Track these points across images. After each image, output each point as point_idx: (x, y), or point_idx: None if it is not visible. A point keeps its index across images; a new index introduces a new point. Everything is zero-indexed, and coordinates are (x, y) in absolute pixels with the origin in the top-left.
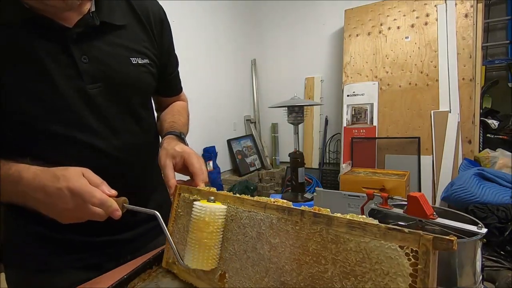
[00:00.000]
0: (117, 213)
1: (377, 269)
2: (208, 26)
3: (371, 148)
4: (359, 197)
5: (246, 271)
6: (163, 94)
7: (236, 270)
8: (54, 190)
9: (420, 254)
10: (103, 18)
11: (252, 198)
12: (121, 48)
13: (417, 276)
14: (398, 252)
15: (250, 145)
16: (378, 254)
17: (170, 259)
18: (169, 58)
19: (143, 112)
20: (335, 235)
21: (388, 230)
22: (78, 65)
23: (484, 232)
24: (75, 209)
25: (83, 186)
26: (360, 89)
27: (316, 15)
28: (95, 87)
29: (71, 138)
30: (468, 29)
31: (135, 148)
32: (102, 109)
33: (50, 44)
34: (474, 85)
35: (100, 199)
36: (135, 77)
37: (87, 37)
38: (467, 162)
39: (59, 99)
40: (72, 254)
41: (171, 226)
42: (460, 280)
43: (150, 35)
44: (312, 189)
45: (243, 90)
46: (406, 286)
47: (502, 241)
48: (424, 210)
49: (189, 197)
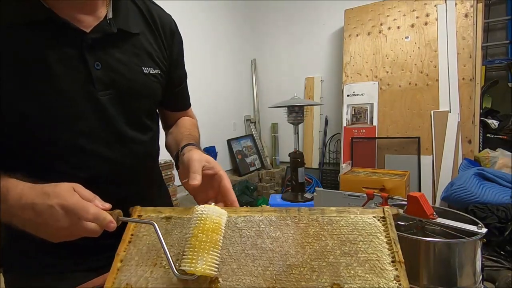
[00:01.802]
0: (112, 225)
1: (363, 233)
2: (208, 26)
3: (371, 148)
4: (359, 197)
5: (246, 268)
6: (170, 108)
7: (233, 271)
8: (44, 208)
9: (387, 216)
10: (119, 25)
11: (245, 207)
12: (134, 56)
13: (388, 230)
14: (373, 219)
15: (250, 145)
16: (361, 224)
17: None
18: (176, 70)
19: (148, 122)
20: (329, 219)
21: (364, 209)
22: (91, 71)
23: (484, 232)
24: (68, 227)
25: (76, 202)
26: (360, 89)
27: (316, 15)
28: (106, 94)
29: (76, 145)
30: (468, 29)
31: (140, 157)
32: (110, 117)
33: (63, 48)
34: (474, 85)
35: (94, 213)
36: (145, 86)
37: (102, 43)
38: (467, 162)
39: (67, 104)
40: (74, 258)
41: (122, 251)
42: (460, 280)
43: (161, 45)
44: (312, 189)
45: (243, 90)
46: (383, 236)
47: (502, 241)
48: (424, 210)
49: (157, 216)
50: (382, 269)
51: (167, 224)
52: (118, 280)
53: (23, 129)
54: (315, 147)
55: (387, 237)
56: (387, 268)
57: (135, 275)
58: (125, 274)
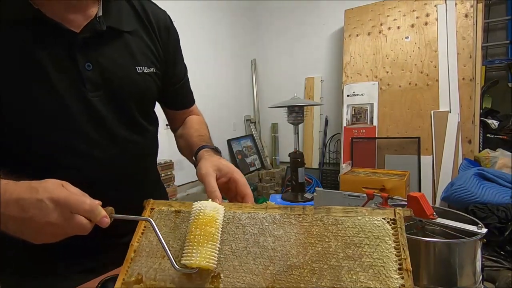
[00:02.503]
0: (106, 220)
1: (370, 236)
2: (208, 26)
3: (371, 148)
4: (359, 197)
5: (247, 266)
6: (173, 106)
7: (234, 268)
8: (32, 202)
9: (397, 219)
10: (110, 23)
11: (250, 204)
12: (126, 55)
13: (397, 234)
14: (382, 221)
15: (250, 145)
16: (369, 226)
17: (132, 276)
18: (174, 67)
19: (144, 122)
20: (334, 219)
21: (373, 209)
22: (81, 71)
23: (484, 232)
24: (57, 222)
25: (68, 195)
26: (360, 89)
27: (316, 15)
28: (96, 95)
29: (68, 146)
30: (468, 29)
31: (134, 158)
32: (102, 117)
33: (54, 48)
34: (474, 85)
35: (91, 205)
36: (138, 86)
37: (92, 42)
38: (467, 162)
39: (58, 105)
40: (71, 259)
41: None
42: (460, 280)
43: (156, 42)
44: (312, 189)
45: (243, 90)
46: (391, 241)
47: (502, 241)
48: (424, 210)
49: (168, 209)
50: (386, 277)
51: (176, 218)
52: (131, 270)
53: (13, 129)
54: (315, 147)
55: (395, 242)
56: (392, 276)
57: (145, 265)
58: (137, 265)
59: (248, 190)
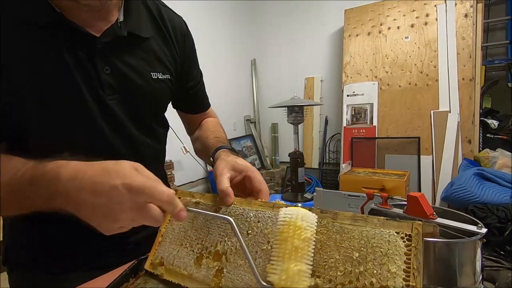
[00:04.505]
0: (183, 214)
1: (377, 251)
2: (207, 26)
3: (371, 148)
4: (359, 197)
5: (248, 265)
6: (189, 110)
7: (237, 266)
8: (106, 188)
9: (413, 235)
10: (130, 29)
11: (259, 201)
12: (143, 61)
13: (410, 254)
14: (395, 236)
15: (250, 145)
16: (378, 240)
17: (157, 259)
18: (189, 72)
19: (156, 126)
20: (339, 227)
21: (386, 220)
22: (100, 75)
23: (484, 232)
24: (130, 210)
25: (145, 182)
26: (360, 89)
27: (316, 15)
28: (113, 99)
29: (87, 147)
30: (468, 29)
31: (147, 161)
32: (119, 120)
33: (74, 51)
34: (474, 85)
35: (169, 195)
36: (152, 91)
37: (112, 47)
38: (467, 162)
39: (81, 107)
40: (79, 256)
41: (163, 227)
42: (460, 280)
43: (172, 49)
44: (312, 189)
45: (243, 90)
46: (401, 262)
47: (502, 241)
48: (424, 210)
49: (190, 199)
50: None
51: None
52: (157, 253)
53: (30, 129)
54: (315, 147)
55: (406, 264)
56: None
57: (167, 251)
58: (162, 249)
59: (262, 186)
